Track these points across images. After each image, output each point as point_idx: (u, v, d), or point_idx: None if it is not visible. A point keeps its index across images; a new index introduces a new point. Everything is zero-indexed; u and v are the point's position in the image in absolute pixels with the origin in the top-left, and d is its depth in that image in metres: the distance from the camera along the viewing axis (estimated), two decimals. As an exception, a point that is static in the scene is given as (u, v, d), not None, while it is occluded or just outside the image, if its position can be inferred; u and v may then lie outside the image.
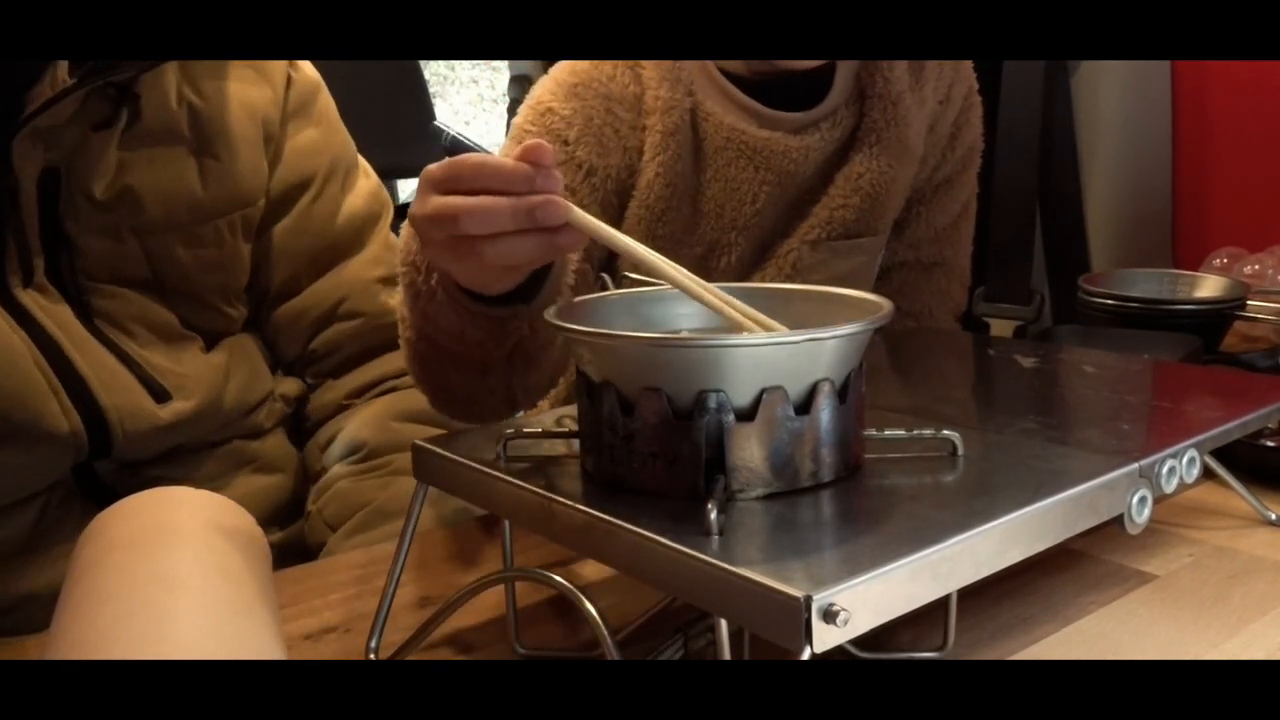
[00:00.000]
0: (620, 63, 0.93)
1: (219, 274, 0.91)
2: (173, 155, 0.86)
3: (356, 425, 0.96)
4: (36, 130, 0.78)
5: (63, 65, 0.77)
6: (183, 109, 0.86)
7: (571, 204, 0.59)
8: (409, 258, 0.75)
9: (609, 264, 0.97)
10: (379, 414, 0.97)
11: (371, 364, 1.00)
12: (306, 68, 0.97)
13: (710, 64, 0.95)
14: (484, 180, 0.58)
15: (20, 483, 0.83)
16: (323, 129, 0.97)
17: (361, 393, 1.00)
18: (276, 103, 0.93)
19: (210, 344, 0.92)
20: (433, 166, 0.62)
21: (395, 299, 0.84)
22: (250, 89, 0.91)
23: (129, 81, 0.82)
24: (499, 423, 0.91)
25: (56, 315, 0.82)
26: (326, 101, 0.99)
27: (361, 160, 1.03)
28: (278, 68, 0.93)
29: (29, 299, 0.81)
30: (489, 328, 0.72)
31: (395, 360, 0.99)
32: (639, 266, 0.60)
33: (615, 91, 0.92)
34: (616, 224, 0.95)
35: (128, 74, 0.81)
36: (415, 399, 0.98)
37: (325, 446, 0.98)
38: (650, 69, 0.92)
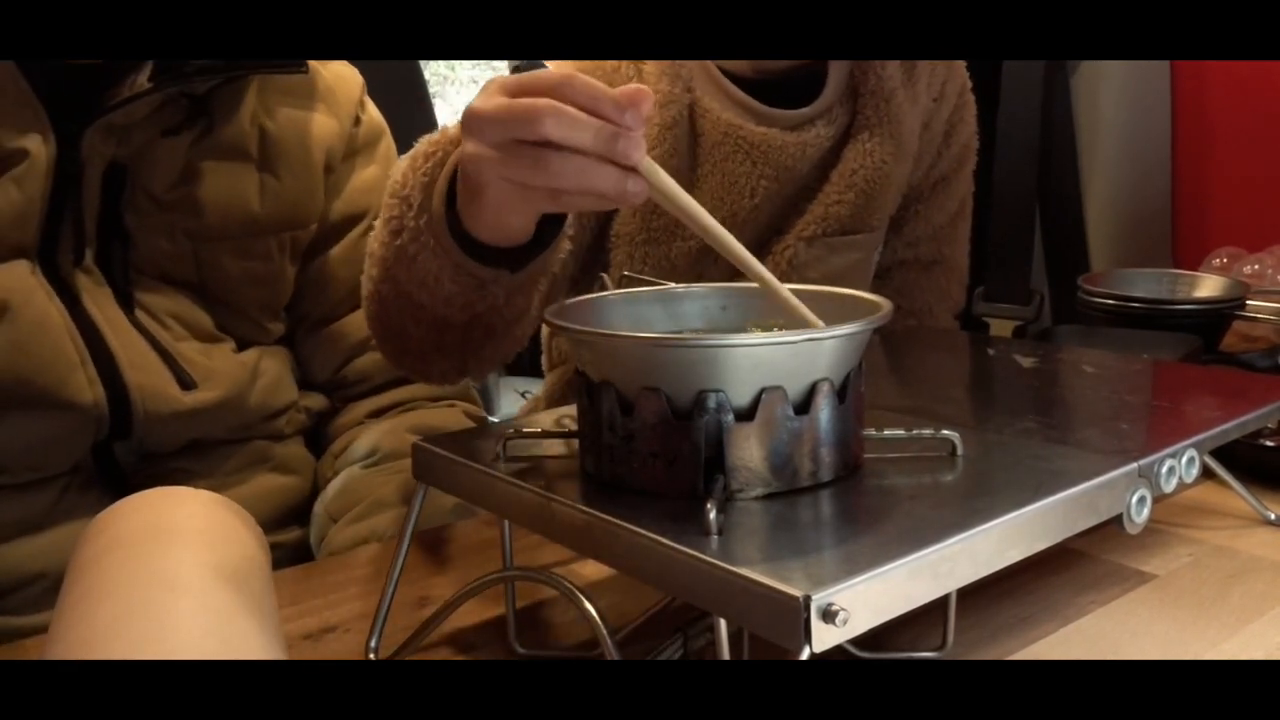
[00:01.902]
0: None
1: (262, 288, 0.94)
2: (237, 169, 0.89)
3: (373, 434, 0.99)
4: (110, 126, 0.82)
5: (145, 71, 0.82)
6: (254, 129, 0.90)
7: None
8: (402, 190, 0.71)
9: (608, 264, 0.97)
10: (395, 426, 0.99)
11: (397, 390, 1.02)
12: (374, 111, 1.02)
13: (710, 62, 0.96)
14: (571, 95, 0.56)
15: (41, 456, 0.85)
16: (383, 169, 1.00)
17: (382, 412, 1.02)
18: (343, 137, 0.97)
19: (242, 349, 0.94)
20: (507, 76, 0.59)
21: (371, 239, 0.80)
22: (321, 119, 0.95)
23: (204, 95, 0.86)
24: (454, 385, 0.90)
25: (98, 297, 0.85)
26: (389, 145, 1.03)
27: None
28: (348, 105, 0.98)
29: (75, 278, 0.84)
30: (466, 285, 0.69)
31: (419, 387, 1.02)
32: (707, 235, 0.58)
33: (616, 84, 0.92)
34: (603, 227, 0.96)
35: (203, 85, 0.86)
36: (434, 417, 1.00)
37: (339, 454, 0.99)
38: (651, 64, 0.94)
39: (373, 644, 0.65)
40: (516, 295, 0.72)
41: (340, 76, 0.98)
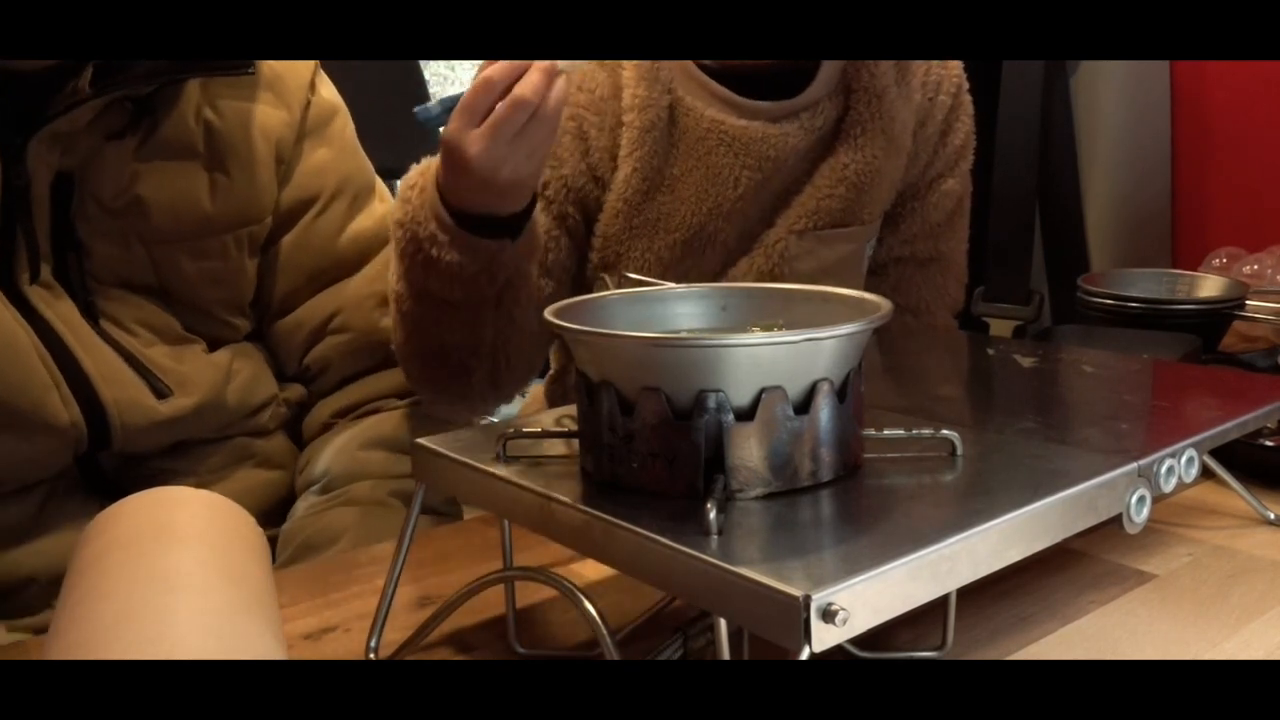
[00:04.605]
0: (600, 65, 0.96)
1: (223, 287, 0.92)
2: (185, 169, 0.88)
3: (328, 454, 0.97)
4: (54, 135, 0.80)
5: (85, 76, 0.80)
6: (199, 126, 0.88)
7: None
8: (405, 219, 0.83)
9: (598, 264, 0.98)
10: (348, 442, 0.97)
11: (360, 383, 1.01)
12: (326, 92, 0.99)
13: (690, 61, 0.97)
14: (507, 82, 0.73)
15: (23, 472, 0.84)
16: (335, 150, 0.98)
17: (347, 412, 1.00)
18: (292, 125, 0.94)
19: (213, 349, 0.93)
20: (453, 123, 0.75)
21: (391, 276, 0.90)
22: (268, 110, 0.92)
23: (146, 96, 0.84)
24: (483, 416, 0.94)
25: (61, 312, 0.84)
26: (344, 125, 1.00)
27: (382, 187, 1.03)
28: (297, 92, 0.95)
29: (34, 295, 0.83)
30: (483, 262, 0.82)
31: (383, 381, 1.00)
32: None
33: (583, 100, 0.96)
34: (583, 235, 0.99)
35: (145, 89, 0.84)
36: (390, 424, 0.99)
37: (302, 471, 0.98)
38: (630, 68, 0.95)
39: (373, 644, 0.65)
40: (521, 262, 0.85)
41: (288, 62, 0.95)
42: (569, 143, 0.95)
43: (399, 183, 0.94)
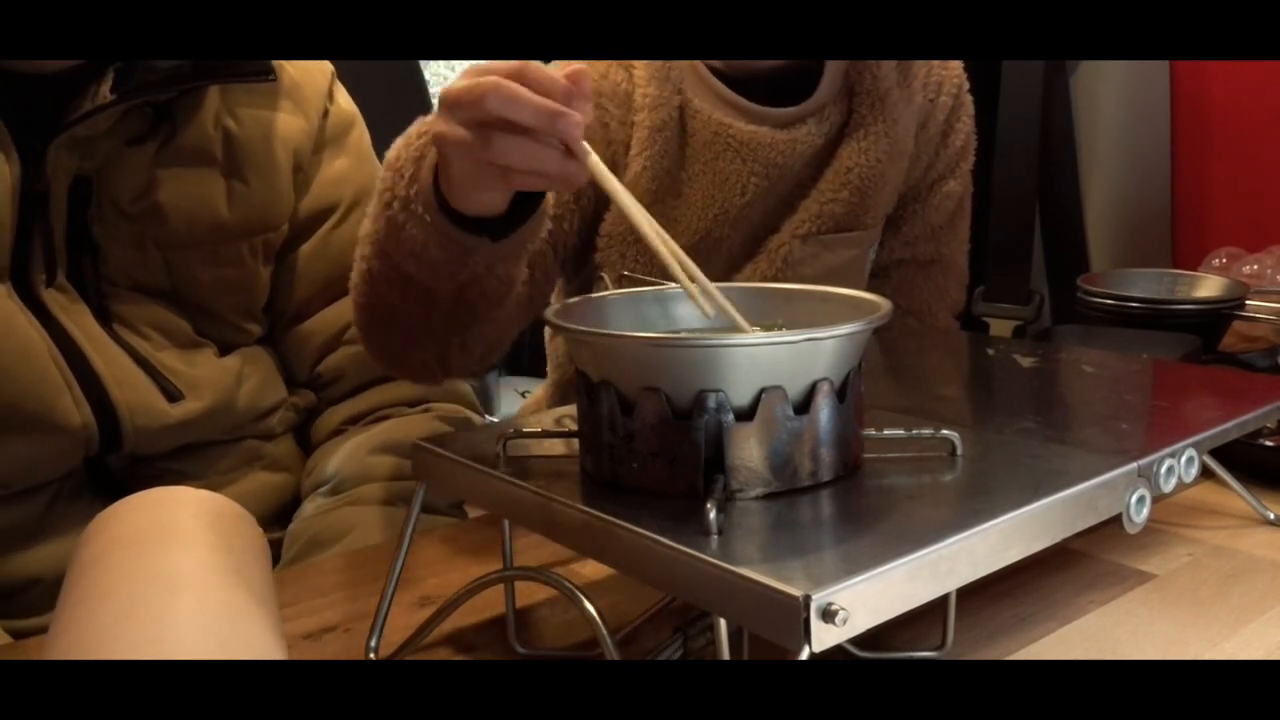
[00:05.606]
0: (616, 64, 0.96)
1: (237, 294, 0.93)
2: (203, 175, 0.88)
3: (338, 458, 0.97)
4: (74, 139, 0.81)
5: (106, 81, 0.80)
6: (218, 133, 0.88)
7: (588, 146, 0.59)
8: (396, 163, 0.75)
9: (600, 264, 0.98)
10: (358, 447, 0.97)
11: (373, 391, 1.01)
12: (343, 101, 0.99)
13: (700, 63, 0.97)
14: (524, 78, 0.59)
15: (33, 473, 0.84)
16: (353, 159, 0.98)
17: (359, 419, 1.00)
18: (310, 134, 0.95)
19: (224, 352, 0.93)
20: (481, 63, 0.62)
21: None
22: (287, 119, 0.93)
23: (167, 102, 0.85)
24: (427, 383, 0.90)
25: (75, 315, 0.84)
26: (360, 134, 1.00)
27: None
28: (315, 101, 0.95)
29: (49, 298, 0.83)
30: (450, 253, 0.72)
31: (396, 390, 1.01)
32: (635, 230, 0.61)
33: (606, 89, 0.95)
34: (592, 224, 0.97)
35: (167, 94, 0.84)
36: (401, 430, 0.99)
37: (311, 472, 0.98)
38: (641, 68, 0.95)
39: (373, 644, 0.65)
40: (497, 266, 0.75)
41: (306, 70, 0.95)
42: (593, 129, 0.93)
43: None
